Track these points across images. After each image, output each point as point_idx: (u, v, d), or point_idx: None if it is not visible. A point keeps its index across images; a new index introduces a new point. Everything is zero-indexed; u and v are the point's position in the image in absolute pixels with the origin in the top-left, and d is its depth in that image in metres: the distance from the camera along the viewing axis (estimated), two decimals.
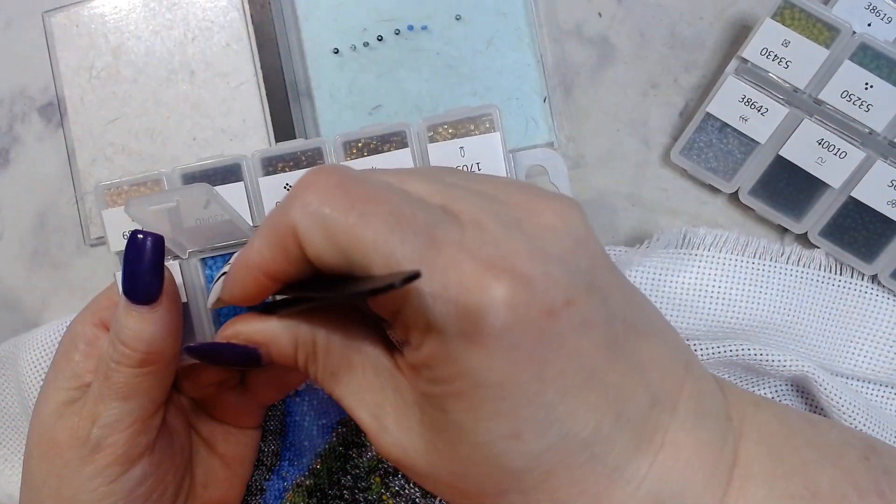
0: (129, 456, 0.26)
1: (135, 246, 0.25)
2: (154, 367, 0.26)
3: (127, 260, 0.25)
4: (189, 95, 0.35)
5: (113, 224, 0.28)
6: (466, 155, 0.26)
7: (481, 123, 0.27)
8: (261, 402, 0.32)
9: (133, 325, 0.25)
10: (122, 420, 0.26)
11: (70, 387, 0.28)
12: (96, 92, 0.36)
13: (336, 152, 0.27)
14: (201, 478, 0.31)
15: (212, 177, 0.28)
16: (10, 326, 0.38)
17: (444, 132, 0.27)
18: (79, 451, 0.26)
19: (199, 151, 0.35)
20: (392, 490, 0.34)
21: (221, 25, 0.35)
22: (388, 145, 0.27)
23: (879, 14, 0.31)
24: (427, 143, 0.27)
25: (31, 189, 0.37)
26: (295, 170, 0.27)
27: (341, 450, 0.35)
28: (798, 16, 0.30)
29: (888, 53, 0.30)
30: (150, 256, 0.25)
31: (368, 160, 0.27)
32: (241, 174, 0.28)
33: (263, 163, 0.28)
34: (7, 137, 0.38)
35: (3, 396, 0.37)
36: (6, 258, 0.38)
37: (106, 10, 0.36)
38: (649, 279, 0.30)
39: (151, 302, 0.25)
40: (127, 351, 0.25)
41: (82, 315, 0.29)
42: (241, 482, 0.33)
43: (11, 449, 0.37)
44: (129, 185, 0.28)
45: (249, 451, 0.33)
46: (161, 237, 0.26)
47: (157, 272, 0.25)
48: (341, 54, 0.34)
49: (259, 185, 0.27)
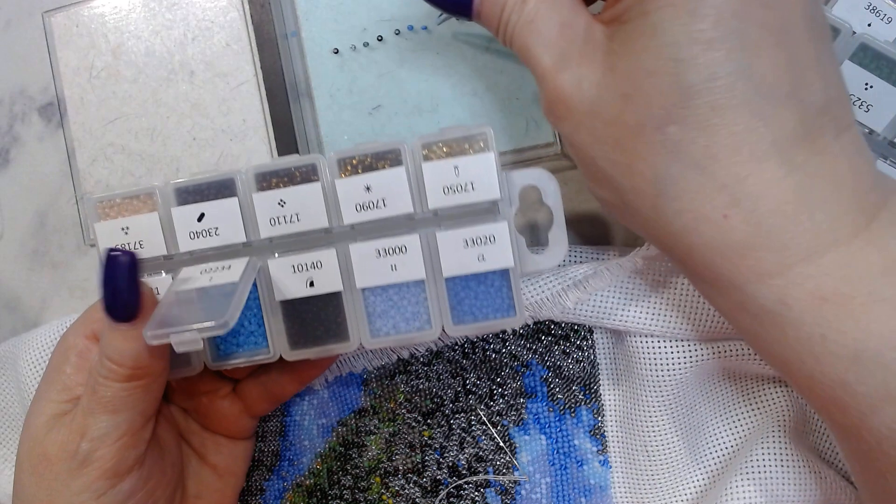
0: (118, 470, 0.26)
1: (110, 265, 0.25)
2: (142, 381, 0.26)
3: (104, 279, 0.25)
4: (189, 95, 0.35)
5: (105, 236, 0.28)
6: (461, 174, 0.26)
7: (475, 143, 0.27)
8: (253, 413, 0.32)
9: (117, 343, 0.25)
10: (110, 434, 0.26)
11: (60, 399, 0.27)
12: (96, 92, 0.36)
13: (330, 169, 0.27)
14: (193, 489, 0.31)
15: (205, 191, 0.28)
16: (9, 326, 0.38)
17: (438, 151, 0.27)
18: (68, 465, 0.26)
19: (198, 151, 0.35)
20: (392, 490, 0.34)
21: (221, 25, 0.35)
22: (382, 163, 0.27)
23: (879, 14, 0.31)
24: (422, 162, 0.27)
25: (31, 189, 0.37)
26: (289, 185, 0.27)
27: (341, 450, 0.35)
28: None
29: (888, 54, 0.30)
30: (126, 274, 0.25)
31: (363, 178, 0.27)
32: (234, 189, 0.28)
33: (258, 178, 0.28)
34: (7, 137, 0.38)
35: (3, 396, 0.37)
36: (6, 258, 0.38)
37: (106, 10, 0.36)
38: (650, 280, 0.31)
39: (132, 319, 0.25)
40: (114, 367, 0.25)
41: (75, 327, 0.29)
42: (233, 493, 0.33)
43: (11, 449, 0.37)
44: (121, 197, 0.28)
45: (242, 462, 0.33)
46: (134, 255, 0.25)
47: (134, 289, 0.25)
48: (341, 54, 0.34)
49: (253, 200, 0.27)
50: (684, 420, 0.32)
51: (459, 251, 0.27)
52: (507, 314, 0.27)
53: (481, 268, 0.27)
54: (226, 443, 0.32)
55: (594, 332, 0.33)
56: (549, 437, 0.33)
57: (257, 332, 0.28)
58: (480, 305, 0.27)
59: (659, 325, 0.30)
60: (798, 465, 0.29)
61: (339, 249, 0.27)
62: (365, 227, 0.28)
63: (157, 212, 0.28)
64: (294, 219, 0.27)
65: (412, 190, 0.27)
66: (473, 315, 0.27)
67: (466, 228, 0.27)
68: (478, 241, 0.27)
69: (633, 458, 0.33)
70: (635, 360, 0.31)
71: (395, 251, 0.27)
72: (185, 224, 0.28)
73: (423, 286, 0.27)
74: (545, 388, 0.33)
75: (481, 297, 0.27)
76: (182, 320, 0.24)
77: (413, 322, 0.28)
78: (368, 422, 0.35)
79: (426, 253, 0.27)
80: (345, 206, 0.27)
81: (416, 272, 0.27)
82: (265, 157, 0.35)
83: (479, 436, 0.34)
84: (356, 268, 0.27)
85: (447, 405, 0.34)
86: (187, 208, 0.28)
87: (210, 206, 0.28)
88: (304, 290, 0.27)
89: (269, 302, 0.28)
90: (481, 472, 0.34)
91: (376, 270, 0.27)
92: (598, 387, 0.33)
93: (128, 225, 0.28)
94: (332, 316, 0.28)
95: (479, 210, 0.27)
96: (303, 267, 0.27)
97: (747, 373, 0.32)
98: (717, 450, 0.32)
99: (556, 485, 0.33)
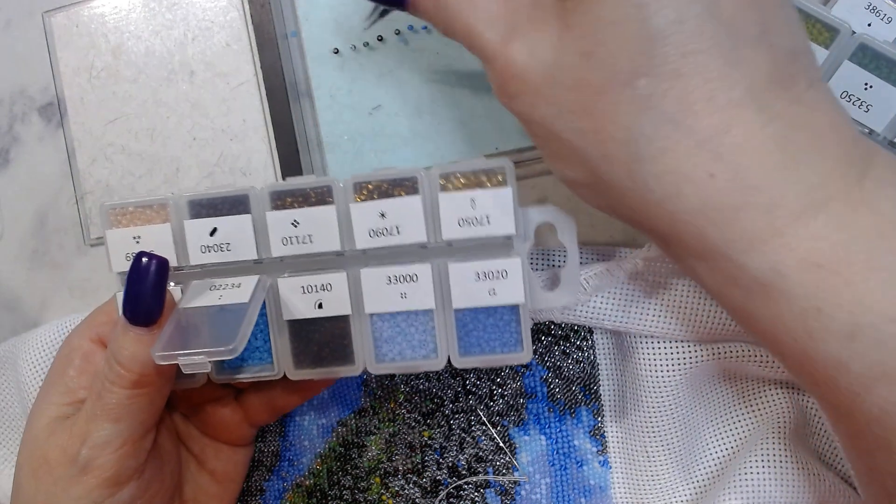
0: (118, 478, 0.26)
1: (139, 268, 0.25)
2: (147, 389, 0.26)
3: (130, 281, 0.25)
4: (189, 95, 0.35)
5: (116, 244, 0.28)
6: (477, 207, 0.26)
7: (494, 177, 0.26)
8: (253, 423, 0.32)
9: (130, 346, 0.25)
10: (111, 442, 0.26)
11: (62, 402, 0.27)
12: (96, 92, 0.36)
13: (346, 192, 0.27)
14: (191, 494, 0.31)
15: (219, 206, 0.28)
16: (9, 326, 0.38)
17: (455, 182, 0.26)
18: (68, 470, 0.26)
19: (198, 151, 0.35)
20: (392, 490, 0.34)
21: (221, 25, 0.35)
22: (398, 189, 0.27)
23: (879, 14, 0.31)
24: (438, 192, 0.26)
25: (31, 189, 0.37)
26: (303, 206, 0.27)
27: (341, 450, 0.35)
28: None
29: (887, 54, 0.30)
30: (154, 279, 0.25)
31: (378, 203, 0.26)
32: (248, 206, 0.27)
33: (272, 196, 0.27)
34: (7, 137, 0.38)
35: (3, 396, 0.37)
36: (6, 258, 0.38)
37: (106, 10, 0.36)
38: (650, 282, 0.30)
39: (151, 324, 0.25)
40: (122, 371, 0.25)
41: (80, 329, 0.29)
42: (231, 498, 0.33)
43: (11, 449, 0.37)
44: (134, 206, 0.28)
45: (240, 468, 0.33)
46: (166, 261, 0.25)
47: (160, 295, 0.25)
48: (341, 54, 0.34)
49: (266, 218, 0.27)
50: (684, 421, 0.32)
51: (470, 283, 0.26)
52: (514, 349, 0.27)
53: (491, 302, 0.26)
54: (225, 449, 0.32)
55: (594, 333, 0.33)
56: (549, 438, 0.33)
57: (262, 347, 0.28)
58: (488, 338, 0.27)
59: (659, 327, 0.30)
60: (795, 468, 0.29)
61: (349, 273, 0.27)
62: (377, 253, 0.27)
63: (170, 223, 0.28)
64: (307, 240, 0.27)
65: (427, 219, 0.26)
66: (480, 347, 0.27)
67: (479, 261, 0.26)
68: (490, 275, 0.26)
69: (633, 459, 0.33)
70: (635, 361, 0.31)
71: (405, 279, 0.27)
72: (196, 237, 0.28)
73: (431, 315, 0.27)
74: (545, 389, 0.33)
75: (489, 329, 0.27)
76: (190, 341, 0.24)
77: (419, 350, 0.27)
78: (368, 422, 0.35)
79: (437, 283, 0.27)
80: (358, 230, 0.27)
81: (425, 301, 0.27)
82: (265, 157, 0.35)
83: (479, 436, 0.34)
84: (366, 293, 0.27)
85: (447, 405, 0.34)
86: (200, 222, 0.28)
87: (223, 221, 0.27)
88: (313, 311, 0.27)
89: (277, 320, 0.28)
90: (481, 472, 0.34)
91: (386, 297, 0.27)
92: (598, 387, 0.33)
93: (140, 234, 0.28)
94: (339, 339, 0.28)
95: (493, 244, 0.27)
96: (312, 288, 0.27)
97: (747, 375, 0.32)
98: (717, 451, 0.32)
99: (555, 485, 0.33)
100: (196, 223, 0.28)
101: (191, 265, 0.28)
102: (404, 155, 0.34)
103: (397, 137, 0.34)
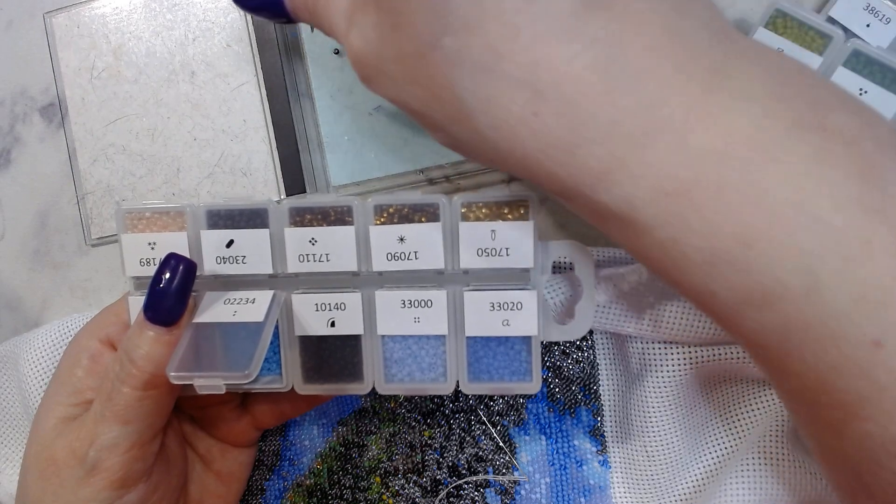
0: (126, 481, 0.26)
1: (168, 268, 0.25)
2: (156, 390, 0.26)
3: (156, 280, 0.25)
4: (190, 96, 0.35)
5: (131, 249, 0.28)
6: (497, 238, 0.26)
7: (515, 209, 0.26)
8: (259, 426, 0.32)
9: (146, 346, 0.25)
10: (119, 444, 0.26)
11: (70, 402, 0.27)
12: (97, 92, 0.36)
13: (366, 213, 0.27)
14: (196, 494, 0.31)
15: (237, 218, 0.28)
16: (10, 326, 0.38)
17: (477, 211, 0.26)
18: (75, 472, 0.26)
19: (199, 152, 0.35)
20: (392, 489, 0.34)
21: (222, 26, 0.35)
22: (419, 215, 0.26)
23: (878, 15, 0.31)
24: (459, 220, 0.26)
25: (33, 189, 0.38)
26: (322, 224, 0.27)
27: (341, 450, 0.35)
28: (790, 24, 0.30)
29: (880, 59, 0.30)
30: (181, 281, 0.25)
31: (398, 228, 0.26)
32: (266, 220, 0.27)
33: (291, 213, 0.27)
34: (8, 138, 0.38)
35: (4, 396, 0.37)
36: (7, 258, 0.38)
37: (107, 11, 0.36)
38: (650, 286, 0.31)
39: (171, 325, 0.25)
40: (134, 371, 0.25)
41: (88, 329, 0.29)
42: (234, 498, 0.33)
43: (12, 448, 0.37)
44: (150, 212, 0.28)
45: (245, 468, 0.33)
46: (195, 264, 0.25)
47: (184, 298, 0.25)
48: (342, 54, 0.34)
49: (285, 234, 0.27)
50: (683, 421, 0.32)
51: (485, 313, 0.26)
52: (524, 379, 0.27)
53: (504, 332, 0.26)
54: (230, 450, 0.32)
55: (594, 333, 0.33)
56: (549, 438, 0.34)
57: (272, 359, 0.28)
58: (498, 366, 0.27)
59: (659, 331, 0.30)
60: (793, 467, 0.29)
61: (364, 293, 0.27)
62: (393, 276, 0.27)
63: (186, 231, 0.28)
64: (324, 258, 0.27)
65: (446, 247, 0.26)
66: (490, 375, 0.27)
67: (495, 292, 0.26)
68: (505, 305, 0.26)
69: (633, 459, 0.33)
70: (635, 362, 0.32)
71: (420, 304, 0.27)
72: (212, 248, 0.27)
73: (443, 340, 0.27)
74: (545, 389, 0.34)
75: (500, 357, 0.27)
76: (205, 360, 0.24)
77: (429, 373, 0.27)
78: (369, 422, 0.35)
79: (451, 309, 0.27)
80: (376, 253, 0.27)
81: (439, 327, 0.27)
82: (266, 157, 0.35)
83: (479, 436, 0.34)
84: (379, 314, 0.27)
85: (447, 405, 0.34)
86: (217, 233, 0.27)
87: (240, 233, 0.27)
88: (325, 328, 0.27)
89: (289, 334, 0.28)
90: (481, 472, 0.34)
91: (399, 319, 0.27)
92: (598, 387, 0.33)
93: (155, 240, 0.28)
94: (349, 357, 0.28)
95: (510, 275, 0.27)
96: (326, 306, 0.27)
97: (746, 375, 0.32)
98: (716, 451, 0.32)
99: (555, 485, 0.33)
100: (213, 234, 0.27)
101: (205, 275, 0.28)
102: (404, 155, 0.34)
103: (397, 138, 0.34)
